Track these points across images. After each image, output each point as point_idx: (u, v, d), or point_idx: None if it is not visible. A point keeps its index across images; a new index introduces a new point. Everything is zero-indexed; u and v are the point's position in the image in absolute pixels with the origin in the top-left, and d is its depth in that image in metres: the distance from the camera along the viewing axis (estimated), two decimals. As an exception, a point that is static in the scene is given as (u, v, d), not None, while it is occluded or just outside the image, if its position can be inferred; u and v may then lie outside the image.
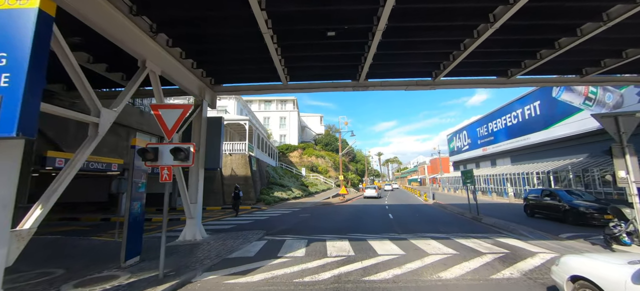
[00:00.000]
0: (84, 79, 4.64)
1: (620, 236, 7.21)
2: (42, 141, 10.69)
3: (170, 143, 5.25)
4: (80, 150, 4.70)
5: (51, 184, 4.26)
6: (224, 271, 5.68)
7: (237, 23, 6.52)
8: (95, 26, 5.27)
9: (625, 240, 7.15)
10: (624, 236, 7.17)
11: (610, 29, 6.94)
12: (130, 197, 5.95)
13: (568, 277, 3.76)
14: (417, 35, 7.34)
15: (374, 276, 5.35)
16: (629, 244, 7.09)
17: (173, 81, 7.97)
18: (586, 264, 3.61)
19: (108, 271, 5.61)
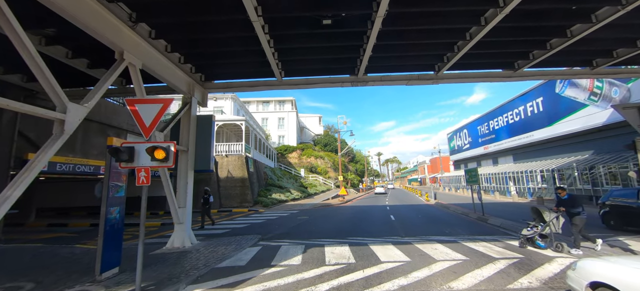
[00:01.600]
0: (42, 65, 4.05)
1: (534, 238, 6.97)
2: (23, 143, 10.11)
3: (147, 142, 4.68)
4: (42, 151, 4.13)
5: (5, 190, 3.68)
6: (210, 284, 5.12)
7: (225, 11, 5.96)
8: (63, 12, 4.72)
9: (539, 242, 6.92)
10: (538, 239, 6.93)
11: (627, 14, 6.42)
12: (106, 202, 5.38)
13: (587, 283, 3.37)
14: (419, 23, 6.80)
15: (377, 287, 4.79)
16: (542, 247, 6.86)
17: (158, 77, 7.40)
18: (608, 269, 3.21)
19: (80, 285, 5.03)
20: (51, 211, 18.82)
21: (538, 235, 6.94)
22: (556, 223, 6.92)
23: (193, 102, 8.88)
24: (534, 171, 24.10)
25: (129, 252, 7.29)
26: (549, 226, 6.89)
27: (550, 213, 6.99)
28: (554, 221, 6.91)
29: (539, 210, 7.19)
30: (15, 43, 3.92)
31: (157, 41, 6.90)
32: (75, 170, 11.83)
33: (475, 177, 13.80)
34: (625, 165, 16.05)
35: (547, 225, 6.90)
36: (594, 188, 18.05)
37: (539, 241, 6.93)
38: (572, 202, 7.02)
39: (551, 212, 7.02)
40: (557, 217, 6.94)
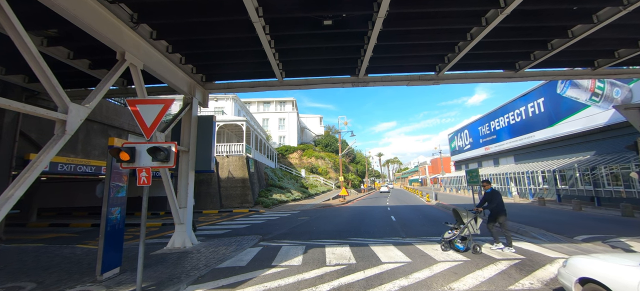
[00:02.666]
0: (44, 66, 4.07)
1: (454, 241, 6.84)
2: (24, 143, 10.14)
3: (148, 142, 4.69)
4: (43, 152, 4.14)
5: (6, 190, 3.69)
6: (211, 284, 5.11)
7: (226, 12, 5.98)
8: (65, 13, 4.73)
9: (458, 245, 6.78)
10: (458, 241, 6.80)
11: (628, 14, 6.41)
12: (107, 202, 5.39)
13: (576, 279, 3.54)
14: (420, 23, 6.79)
15: (378, 288, 4.78)
16: (461, 250, 6.75)
17: (159, 77, 7.42)
18: (597, 265, 3.37)
19: (81, 285, 5.04)
20: (52, 211, 18.90)
21: (459, 238, 6.79)
22: (474, 225, 6.83)
23: (194, 103, 8.89)
24: (535, 172, 24.04)
25: (130, 252, 7.31)
26: (467, 228, 6.77)
27: (468, 215, 6.87)
28: (471, 223, 6.80)
29: (458, 212, 7.04)
30: (17, 44, 3.94)
31: (158, 42, 6.91)
32: (77, 170, 11.86)
33: (476, 178, 13.78)
34: (627, 166, 15.99)
35: (465, 226, 6.77)
36: (596, 189, 18.00)
37: (459, 243, 6.77)
38: (490, 196, 7.03)
39: (469, 213, 6.90)
40: (475, 218, 6.85)
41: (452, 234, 6.87)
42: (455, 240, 6.81)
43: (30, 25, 5.46)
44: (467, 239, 6.80)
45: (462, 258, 6.34)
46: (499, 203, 7.04)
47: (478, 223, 6.88)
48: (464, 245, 6.75)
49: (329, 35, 7.19)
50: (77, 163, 12.00)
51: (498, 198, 7.07)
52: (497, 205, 7.03)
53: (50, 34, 6.57)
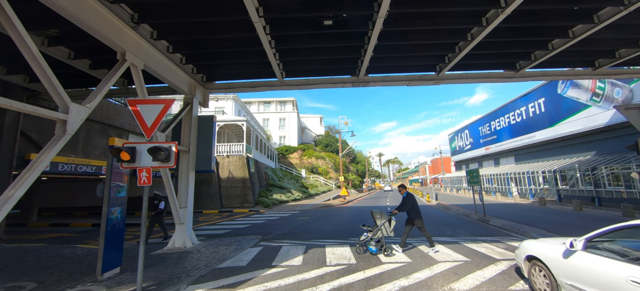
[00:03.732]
0: (44, 66, 4.08)
1: (368, 243, 6.77)
2: (25, 143, 10.16)
3: (149, 142, 4.70)
4: (44, 151, 4.15)
5: (7, 189, 3.70)
6: (211, 284, 5.12)
7: (226, 12, 5.98)
8: (66, 13, 4.74)
9: (371, 247, 6.71)
10: (372, 244, 6.73)
11: (629, 15, 6.41)
12: (107, 202, 5.39)
13: (524, 257, 4.70)
14: (420, 23, 6.79)
15: (378, 288, 4.78)
16: (374, 252, 6.67)
17: (159, 77, 7.43)
18: (536, 246, 4.54)
19: (82, 285, 5.05)
20: (53, 211, 18.93)
21: (374, 241, 6.74)
22: (387, 228, 6.80)
23: (194, 103, 8.90)
24: (535, 172, 24.02)
25: (130, 252, 7.32)
26: (381, 231, 6.74)
27: (382, 217, 6.85)
28: (385, 226, 6.78)
29: (373, 214, 7.02)
30: (18, 44, 3.94)
31: (158, 42, 6.92)
32: (77, 170, 11.87)
33: (477, 178, 13.76)
34: (628, 166, 15.97)
35: (378, 229, 6.75)
36: (597, 190, 17.98)
37: (372, 246, 6.70)
38: (405, 200, 7.00)
39: (383, 216, 6.88)
40: (389, 220, 6.83)
41: (366, 236, 6.80)
42: (369, 242, 6.74)
43: (31, 25, 5.47)
44: (381, 241, 6.74)
45: (462, 258, 6.34)
46: (412, 206, 6.94)
47: (391, 226, 6.84)
48: (376, 247, 6.68)
49: (329, 35, 7.19)
50: (78, 163, 12.02)
51: (411, 202, 6.96)
52: (411, 208, 6.94)
53: (51, 33, 6.58)
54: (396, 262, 6.14)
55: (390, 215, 6.88)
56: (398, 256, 6.56)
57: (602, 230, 3.84)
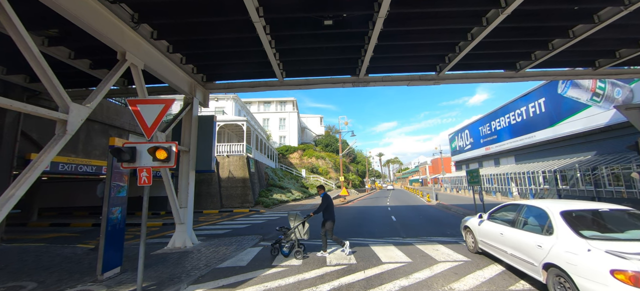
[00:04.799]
0: (45, 66, 4.08)
1: (283, 245, 6.73)
2: (26, 143, 10.17)
3: (149, 142, 4.70)
4: (44, 151, 4.15)
5: (7, 189, 3.70)
6: (211, 284, 5.12)
7: (226, 12, 5.98)
8: (66, 13, 4.75)
9: (284, 250, 6.67)
10: (285, 246, 6.69)
11: (629, 14, 6.40)
12: (107, 202, 5.40)
13: (463, 227, 7.31)
14: (421, 23, 6.79)
15: (378, 288, 4.78)
16: (286, 254, 6.63)
17: (159, 77, 7.43)
18: (468, 219, 7.14)
19: (82, 285, 5.05)
20: (53, 211, 18.94)
21: (287, 242, 6.70)
22: (301, 230, 6.78)
23: (194, 103, 8.90)
24: (536, 172, 24.00)
25: (131, 252, 7.32)
26: (294, 233, 6.71)
27: (296, 220, 6.81)
28: (299, 228, 6.76)
29: (289, 216, 6.99)
30: (19, 44, 3.95)
31: (158, 42, 6.92)
32: (78, 170, 11.88)
33: (477, 178, 13.76)
34: (628, 166, 15.96)
35: (292, 231, 6.71)
36: (597, 190, 17.96)
37: (285, 248, 6.66)
38: (322, 201, 6.91)
39: (297, 218, 6.84)
40: (303, 223, 6.81)
41: (281, 238, 6.76)
42: (284, 245, 6.69)
43: (31, 25, 5.47)
44: (294, 244, 6.71)
45: (462, 258, 6.34)
46: (326, 208, 6.84)
47: (305, 228, 6.81)
48: (289, 250, 6.64)
49: (330, 35, 7.18)
50: (78, 163, 12.03)
51: (325, 203, 6.86)
52: (325, 210, 6.85)
53: (51, 33, 6.59)
54: (396, 262, 6.14)
55: (306, 217, 6.88)
56: (399, 256, 6.56)
57: (495, 207, 6.28)
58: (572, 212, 4.46)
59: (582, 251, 3.68)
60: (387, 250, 7.16)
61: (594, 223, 4.42)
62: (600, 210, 4.62)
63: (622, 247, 3.55)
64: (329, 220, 6.86)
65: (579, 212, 4.51)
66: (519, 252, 4.83)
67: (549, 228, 4.38)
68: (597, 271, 3.40)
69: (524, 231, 4.90)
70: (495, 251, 5.66)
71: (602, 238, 3.85)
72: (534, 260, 4.43)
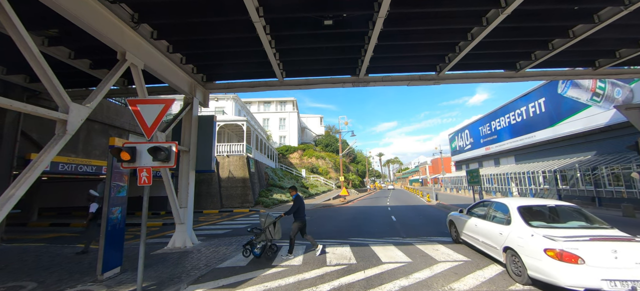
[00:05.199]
0: (45, 66, 4.08)
1: (255, 245, 6.64)
2: (25, 143, 10.17)
3: (149, 142, 4.70)
4: (44, 151, 4.16)
5: (7, 189, 3.70)
6: (211, 284, 5.12)
7: (226, 12, 5.98)
8: (66, 13, 4.75)
9: (255, 250, 6.59)
10: (257, 247, 6.62)
11: (629, 14, 6.40)
12: (107, 202, 5.40)
13: (448, 221, 8.47)
14: (421, 23, 6.79)
15: (378, 288, 4.78)
16: (257, 255, 6.55)
17: (159, 77, 7.43)
18: (452, 215, 8.15)
19: (82, 285, 5.05)
20: (53, 211, 18.92)
21: (259, 243, 6.65)
22: (272, 231, 6.75)
23: (194, 103, 8.90)
24: (536, 172, 24.00)
25: (131, 252, 7.33)
26: (264, 234, 6.68)
27: (267, 220, 6.78)
28: (270, 229, 6.73)
29: (261, 217, 6.95)
30: (19, 44, 3.95)
31: (158, 42, 6.92)
32: (78, 170, 11.88)
33: (477, 178, 13.76)
34: (628, 166, 15.96)
35: (262, 232, 6.68)
36: (597, 190, 17.96)
37: (256, 249, 6.60)
38: (293, 204, 6.89)
39: (268, 219, 6.81)
40: (274, 223, 6.78)
41: (252, 238, 6.73)
42: (257, 245, 6.65)
43: (31, 25, 5.47)
44: (266, 244, 6.69)
45: (462, 258, 6.34)
46: (297, 210, 6.84)
47: (276, 229, 6.79)
48: (259, 250, 6.60)
49: (330, 35, 7.19)
50: (78, 163, 12.03)
51: (297, 205, 6.87)
52: (296, 211, 6.84)
53: (51, 33, 6.59)
54: (396, 262, 6.14)
55: (277, 218, 6.87)
56: (399, 256, 6.56)
57: (473, 204, 7.46)
58: (526, 206, 5.51)
59: (528, 236, 4.78)
60: (387, 250, 7.16)
61: (543, 215, 5.51)
62: (549, 206, 5.65)
63: (555, 233, 4.67)
64: (297, 221, 6.85)
65: (532, 206, 5.60)
66: (488, 240, 5.92)
67: (508, 219, 5.44)
68: (536, 250, 4.49)
69: (492, 223, 5.98)
70: (471, 240, 6.81)
71: (544, 227, 5.00)
72: (497, 245, 5.51)
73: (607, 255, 4.08)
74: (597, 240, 4.30)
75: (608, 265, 4.01)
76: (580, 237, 4.41)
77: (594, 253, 4.10)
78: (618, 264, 4.00)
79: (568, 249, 4.16)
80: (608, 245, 4.18)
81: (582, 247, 4.15)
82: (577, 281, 4.00)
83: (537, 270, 4.45)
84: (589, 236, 4.42)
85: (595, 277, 3.94)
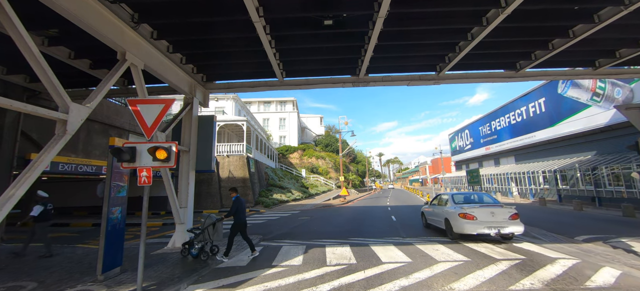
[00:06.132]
0: (45, 66, 4.08)
1: (193, 246, 6.57)
2: (25, 143, 10.17)
3: (149, 142, 4.70)
4: (44, 151, 4.15)
5: (8, 189, 3.70)
6: (212, 284, 5.12)
7: (226, 12, 5.98)
8: (66, 13, 4.74)
9: (192, 250, 6.53)
10: (196, 247, 6.54)
11: (629, 14, 6.40)
12: (108, 202, 5.40)
13: (421, 212, 11.58)
14: (421, 23, 6.79)
15: (378, 288, 4.78)
16: (194, 255, 6.49)
17: (159, 77, 7.43)
18: (423, 208, 11.38)
19: (82, 284, 5.05)
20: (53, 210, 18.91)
21: (196, 244, 6.57)
22: (211, 232, 6.67)
23: (194, 103, 8.90)
24: (536, 172, 24.00)
25: (131, 252, 7.33)
26: (203, 235, 6.60)
27: (206, 221, 6.67)
28: (208, 230, 6.64)
29: (200, 218, 6.82)
30: (19, 44, 3.95)
31: (158, 42, 6.92)
32: (78, 170, 11.89)
33: (477, 178, 13.77)
34: (628, 166, 15.96)
35: (201, 232, 6.60)
36: (597, 189, 17.97)
37: (193, 249, 6.50)
38: (233, 205, 6.77)
39: (208, 219, 6.72)
40: (213, 224, 6.69)
41: (188, 239, 6.67)
42: (195, 244, 6.59)
43: (31, 25, 5.48)
44: (204, 245, 6.61)
45: (462, 258, 6.34)
46: (236, 212, 6.77)
47: (215, 229, 6.72)
48: (196, 251, 6.53)
49: (330, 35, 7.18)
50: (78, 162, 12.03)
51: (235, 207, 6.79)
52: (235, 213, 6.78)
53: (51, 33, 6.59)
54: (396, 262, 6.14)
55: (216, 220, 6.82)
56: (399, 256, 6.56)
57: (433, 198, 10.54)
58: (456, 194, 9.53)
59: (454, 209, 8.21)
60: (387, 250, 7.16)
61: (464, 199, 9.13)
62: (469, 195, 9.44)
63: (466, 207, 8.04)
64: (237, 223, 6.79)
65: (459, 194, 9.60)
66: (438, 217, 9.32)
67: (446, 202, 9.20)
68: (456, 216, 7.95)
69: (440, 207, 9.38)
70: (432, 221, 10.00)
71: (462, 204, 8.57)
72: (442, 218, 8.93)
73: (488, 214, 7.73)
74: (484, 207, 8.00)
75: (488, 219, 7.66)
76: (475, 206, 8.03)
77: (482, 214, 7.73)
78: (494, 219, 7.68)
79: (468, 212, 7.80)
80: (489, 209, 7.86)
81: (476, 211, 7.78)
82: (474, 229, 7.60)
83: (456, 227, 7.93)
84: (479, 205, 8.14)
85: (482, 226, 7.57)
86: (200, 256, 6.53)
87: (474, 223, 7.52)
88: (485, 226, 7.42)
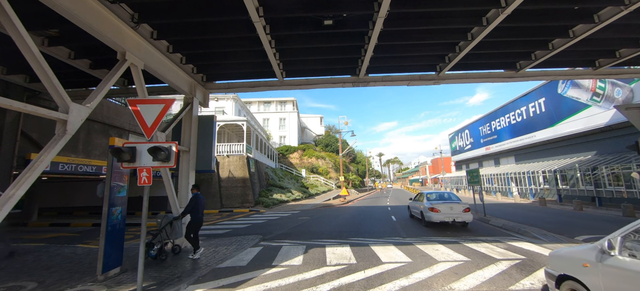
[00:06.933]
0: (45, 66, 4.08)
1: (153, 246, 6.46)
2: (25, 143, 10.17)
3: (149, 142, 4.70)
4: (44, 151, 4.15)
5: (8, 189, 3.70)
6: (212, 284, 5.12)
7: (226, 12, 5.98)
8: (66, 13, 4.75)
9: (151, 252, 6.41)
10: (155, 248, 6.45)
11: (629, 14, 6.40)
12: (107, 202, 5.40)
13: (407, 206, 15.57)
14: (421, 23, 6.79)
15: (378, 288, 4.78)
16: (152, 256, 6.39)
17: (159, 77, 7.43)
18: (409, 202, 14.56)
19: (82, 284, 5.05)
20: (53, 211, 18.94)
21: (156, 243, 6.48)
22: (168, 231, 6.65)
23: (194, 103, 8.90)
24: (536, 172, 24.00)
25: (131, 252, 7.33)
26: (161, 234, 6.58)
27: (163, 221, 6.66)
28: (166, 229, 6.62)
29: (157, 217, 6.84)
30: (19, 44, 3.95)
31: (159, 42, 6.92)
32: (78, 170, 11.88)
33: (477, 178, 13.75)
34: (628, 166, 15.96)
35: (159, 232, 6.57)
36: (597, 189, 17.96)
37: (152, 251, 6.38)
38: (190, 203, 6.73)
39: (165, 219, 6.70)
40: (171, 223, 6.68)
41: (148, 240, 6.52)
42: (154, 245, 6.50)
43: (31, 25, 5.48)
44: (162, 245, 6.54)
45: (462, 258, 6.34)
46: (193, 209, 6.71)
47: (172, 228, 6.70)
48: (155, 252, 6.42)
49: (330, 35, 7.19)
50: (78, 162, 12.03)
51: (191, 205, 6.75)
52: (191, 210, 6.71)
53: (51, 33, 6.59)
54: (396, 262, 6.14)
55: (173, 219, 6.78)
56: (399, 256, 6.56)
57: (414, 196, 13.80)
58: (429, 193, 11.99)
59: (426, 204, 10.73)
60: (387, 250, 7.16)
61: (436, 197, 11.39)
62: (441, 193, 11.88)
63: (435, 202, 10.68)
64: (193, 221, 6.74)
65: (432, 193, 11.99)
66: (417, 210, 11.84)
67: (423, 199, 11.52)
68: (427, 209, 10.49)
69: (419, 202, 11.78)
70: (414, 212, 12.60)
71: (433, 200, 10.99)
72: (420, 211, 11.34)
73: (448, 208, 10.24)
74: (446, 202, 10.53)
75: (448, 212, 10.19)
76: (439, 203, 10.56)
77: (444, 208, 10.25)
78: (452, 211, 10.20)
79: (434, 206, 10.35)
80: (449, 204, 10.36)
81: (440, 206, 10.30)
82: (437, 218, 10.16)
83: (427, 217, 10.52)
84: (443, 202, 10.63)
85: (443, 216, 10.13)
86: (159, 257, 6.45)
87: (438, 214, 10.17)
88: (446, 217, 10.10)
